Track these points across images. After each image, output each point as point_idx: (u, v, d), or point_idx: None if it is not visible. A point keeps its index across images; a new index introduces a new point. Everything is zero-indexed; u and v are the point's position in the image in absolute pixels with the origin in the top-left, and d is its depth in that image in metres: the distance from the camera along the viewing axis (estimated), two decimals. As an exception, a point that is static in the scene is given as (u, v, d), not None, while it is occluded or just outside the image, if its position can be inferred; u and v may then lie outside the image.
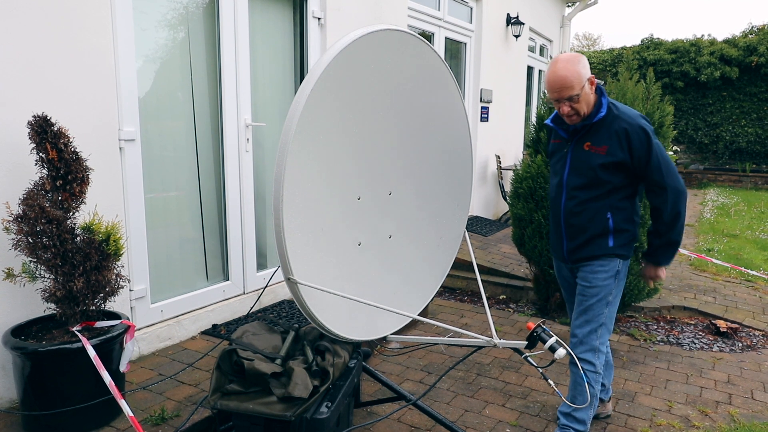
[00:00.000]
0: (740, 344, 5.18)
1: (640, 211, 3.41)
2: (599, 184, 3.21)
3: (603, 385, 3.73)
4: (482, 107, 9.26)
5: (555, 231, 3.51)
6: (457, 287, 6.72)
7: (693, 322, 5.68)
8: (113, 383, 2.92)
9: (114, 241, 3.26)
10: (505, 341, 2.91)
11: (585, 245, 3.33)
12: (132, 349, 3.33)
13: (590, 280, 3.34)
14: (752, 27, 17.88)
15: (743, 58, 17.05)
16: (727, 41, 17.71)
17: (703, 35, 19.02)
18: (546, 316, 5.74)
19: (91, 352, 2.99)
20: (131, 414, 2.78)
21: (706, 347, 5.11)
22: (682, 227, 3.27)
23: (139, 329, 4.14)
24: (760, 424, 3.79)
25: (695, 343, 5.18)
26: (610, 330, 3.42)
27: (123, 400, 2.83)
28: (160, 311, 4.32)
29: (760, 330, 5.46)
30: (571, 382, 3.47)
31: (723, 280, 7.03)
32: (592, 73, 3.17)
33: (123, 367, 3.29)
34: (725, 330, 5.32)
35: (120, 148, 3.89)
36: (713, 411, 3.98)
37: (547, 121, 3.48)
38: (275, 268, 4.11)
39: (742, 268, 6.56)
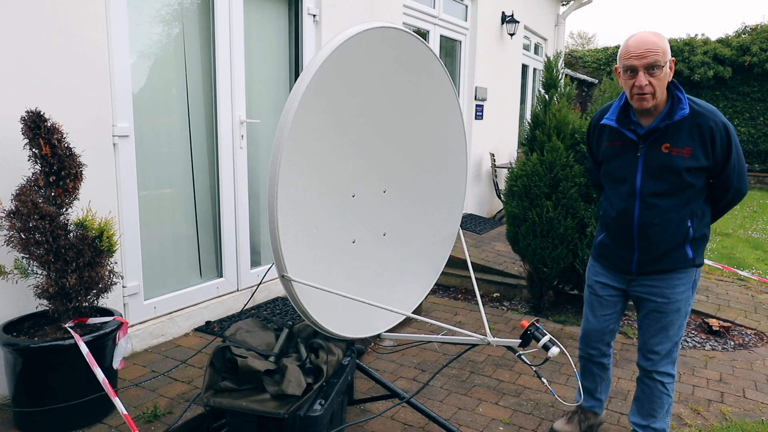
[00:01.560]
0: (732, 343, 5.20)
1: None
2: (682, 189, 2.88)
3: (599, 399, 3.57)
4: (477, 105, 9.26)
5: (620, 243, 3.12)
6: (451, 285, 6.72)
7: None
8: (106, 380, 2.91)
9: (107, 237, 3.24)
10: (498, 339, 2.91)
11: (661, 258, 3.01)
12: (125, 346, 3.32)
13: (669, 295, 3.05)
14: (745, 27, 17.99)
15: (736, 57, 17.15)
16: (720, 41, 17.81)
17: (696, 35, 19.09)
18: (540, 315, 5.76)
19: (84, 349, 2.97)
20: (125, 412, 2.77)
21: (699, 346, 5.13)
22: (717, 220, 3.16)
23: (132, 326, 4.12)
24: (751, 423, 3.81)
25: (688, 342, 5.19)
26: None
27: (117, 398, 2.82)
28: (153, 308, 4.30)
29: (752, 329, 5.48)
30: (646, 396, 3.23)
31: (715, 278, 7.06)
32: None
33: (116, 364, 3.28)
34: (717, 329, 5.34)
35: (114, 144, 3.87)
36: (705, 409, 3.99)
37: (608, 121, 3.02)
38: (269, 265, 4.11)
39: (734, 269, 6.58)
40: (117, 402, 2.80)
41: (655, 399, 3.19)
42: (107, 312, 3.43)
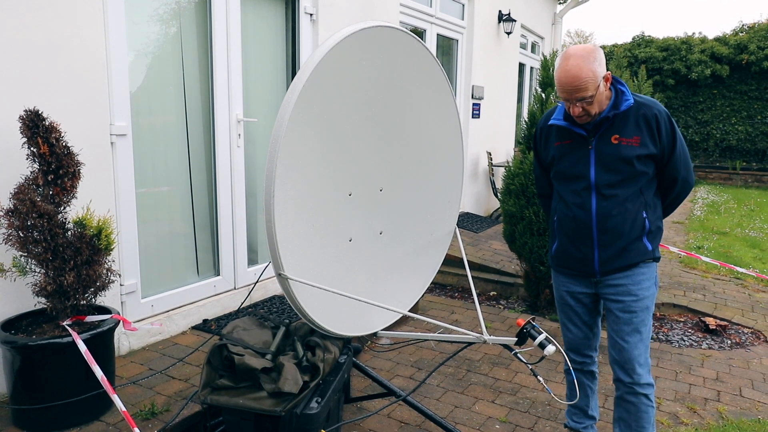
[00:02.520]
0: (729, 341, 5.21)
1: None
2: (635, 177, 2.87)
3: (593, 417, 3.41)
4: (474, 104, 9.27)
5: (577, 243, 3.05)
6: (448, 283, 6.74)
7: (682, 320, 5.72)
8: (105, 378, 2.92)
9: (105, 236, 3.25)
10: (495, 337, 2.92)
11: (622, 253, 2.96)
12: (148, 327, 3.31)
13: (636, 292, 2.98)
14: (743, 25, 18.02)
15: (734, 56, 17.17)
16: (717, 39, 17.83)
17: (694, 33, 19.16)
18: (536, 313, 5.77)
19: (82, 347, 2.98)
20: (123, 408, 2.78)
21: (696, 344, 5.14)
22: (669, 214, 3.14)
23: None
24: (748, 421, 3.82)
25: (684, 341, 5.21)
26: None
27: (115, 395, 2.83)
28: (151, 306, 4.31)
29: (749, 327, 5.50)
30: (631, 414, 3.06)
31: (712, 277, 7.07)
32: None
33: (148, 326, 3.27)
34: (714, 327, 5.36)
35: (111, 143, 3.88)
36: (702, 408, 4.01)
37: (556, 121, 3.02)
38: (266, 264, 4.12)
39: (732, 266, 6.60)
40: (115, 399, 2.81)
41: (642, 414, 3.04)
42: (105, 310, 3.44)
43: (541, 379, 2.80)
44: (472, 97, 9.17)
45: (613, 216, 2.91)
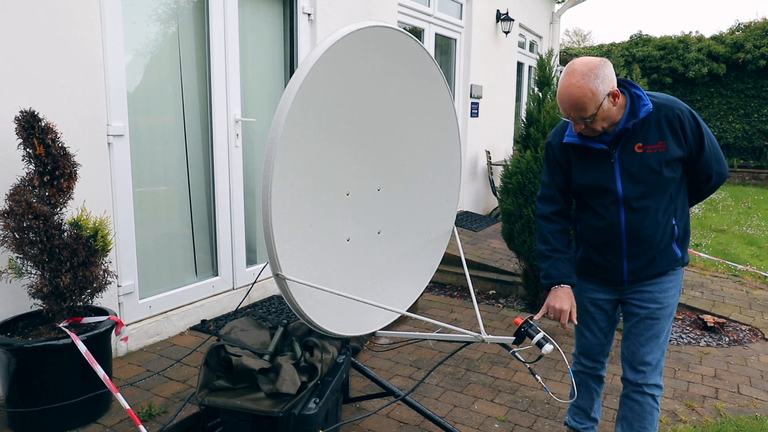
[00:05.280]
0: (727, 339, 5.21)
1: None
2: (664, 185, 2.74)
3: (594, 419, 3.38)
4: (472, 103, 9.27)
5: (603, 252, 2.95)
6: (447, 282, 6.73)
7: (680, 317, 5.72)
8: (107, 377, 2.91)
9: (102, 237, 3.24)
10: (492, 336, 2.91)
11: (652, 262, 2.87)
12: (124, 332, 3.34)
13: (661, 300, 2.91)
14: (739, 24, 18.08)
15: (730, 54, 17.23)
16: (714, 38, 17.89)
17: (691, 32, 19.17)
18: (535, 312, 5.76)
19: (82, 348, 2.97)
20: (128, 406, 2.78)
21: (694, 342, 5.14)
22: (698, 202, 3.03)
23: (127, 325, 4.11)
24: (746, 418, 3.82)
25: (683, 338, 5.21)
26: None
27: (119, 393, 2.83)
28: (149, 307, 4.30)
29: (747, 325, 5.50)
30: (635, 413, 3.02)
31: (710, 275, 7.08)
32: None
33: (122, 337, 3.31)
34: (712, 325, 5.36)
35: (108, 144, 3.86)
36: (700, 405, 4.01)
37: (571, 139, 2.86)
38: (264, 264, 4.11)
39: (730, 262, 6.61)
40: (119, 397, 2.81)
41: (646, 415, 3.00)
42: (102, 311, 3.43)
43: (539, 377, 2.80)
44: (471, 96, 9.16)
45: (644, 228, 2.80)
